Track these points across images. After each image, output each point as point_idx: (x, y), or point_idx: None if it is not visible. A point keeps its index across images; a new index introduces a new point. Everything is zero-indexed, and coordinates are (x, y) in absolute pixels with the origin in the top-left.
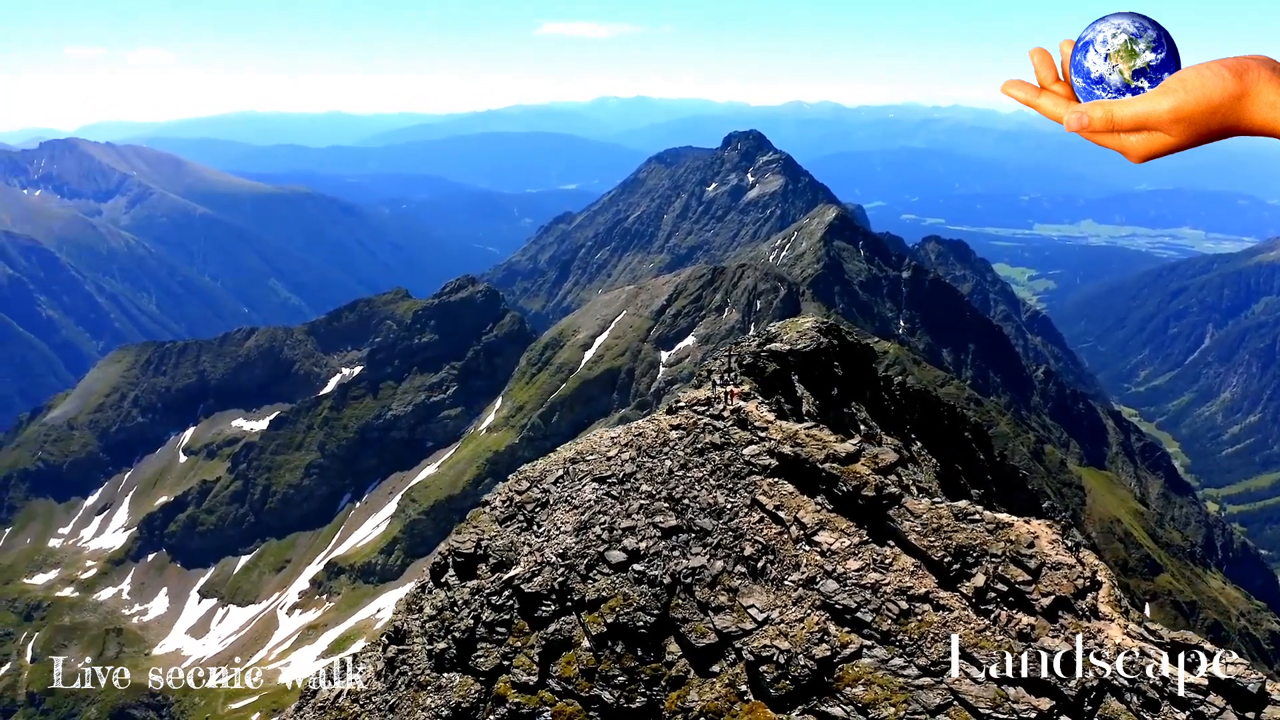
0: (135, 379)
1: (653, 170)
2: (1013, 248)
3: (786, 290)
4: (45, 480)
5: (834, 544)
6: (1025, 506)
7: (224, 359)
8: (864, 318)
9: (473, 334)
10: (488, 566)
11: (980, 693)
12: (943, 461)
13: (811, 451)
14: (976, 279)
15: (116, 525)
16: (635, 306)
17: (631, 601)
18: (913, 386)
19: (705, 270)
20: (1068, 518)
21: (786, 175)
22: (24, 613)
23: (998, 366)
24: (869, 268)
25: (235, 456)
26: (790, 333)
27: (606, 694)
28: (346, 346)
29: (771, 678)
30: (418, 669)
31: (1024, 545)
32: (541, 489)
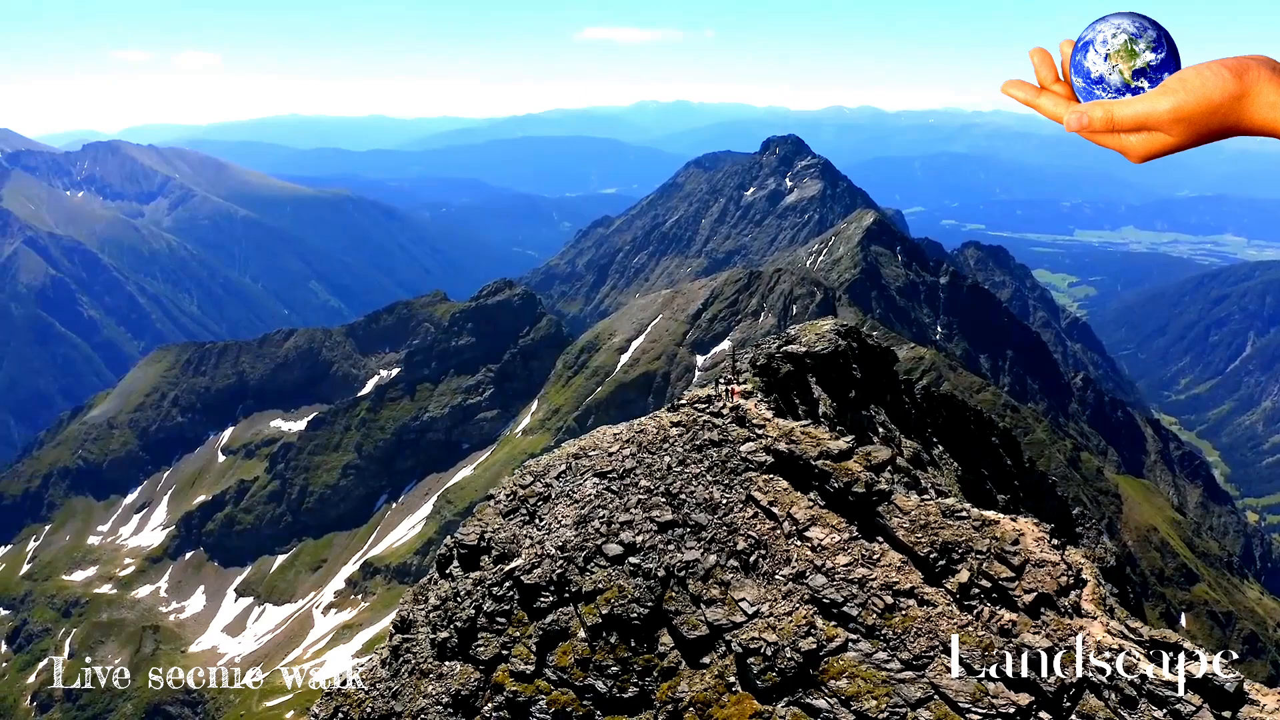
0: (175, 379)
1: (691, 175)
2: (1053, 254)
3: (823, 295)
4: (85, 478)
5: (824, 539)
6: (1054, 513)
7: (263, 360)
8: (901, 323)
9: (509, 337)
10: (490, 558)
11: (960, 687)
12: (968, 466)
13: (805, 448)
14: (1016, 285)
15: (155, 524)
16: (671, 310)
17: (626, 593)
18: (937, 391)
19: (741, 274)
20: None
21: (825, 180)
22: (62, 609)
23: (1036, 373)
24: (906, 273)
25: (273, 456)
26: (809, 335)
27: (600, 683)
28: (384, 348)
29: (758, 669)
30: (421, 657)
31: (1008, 542)
32: (544, 483)
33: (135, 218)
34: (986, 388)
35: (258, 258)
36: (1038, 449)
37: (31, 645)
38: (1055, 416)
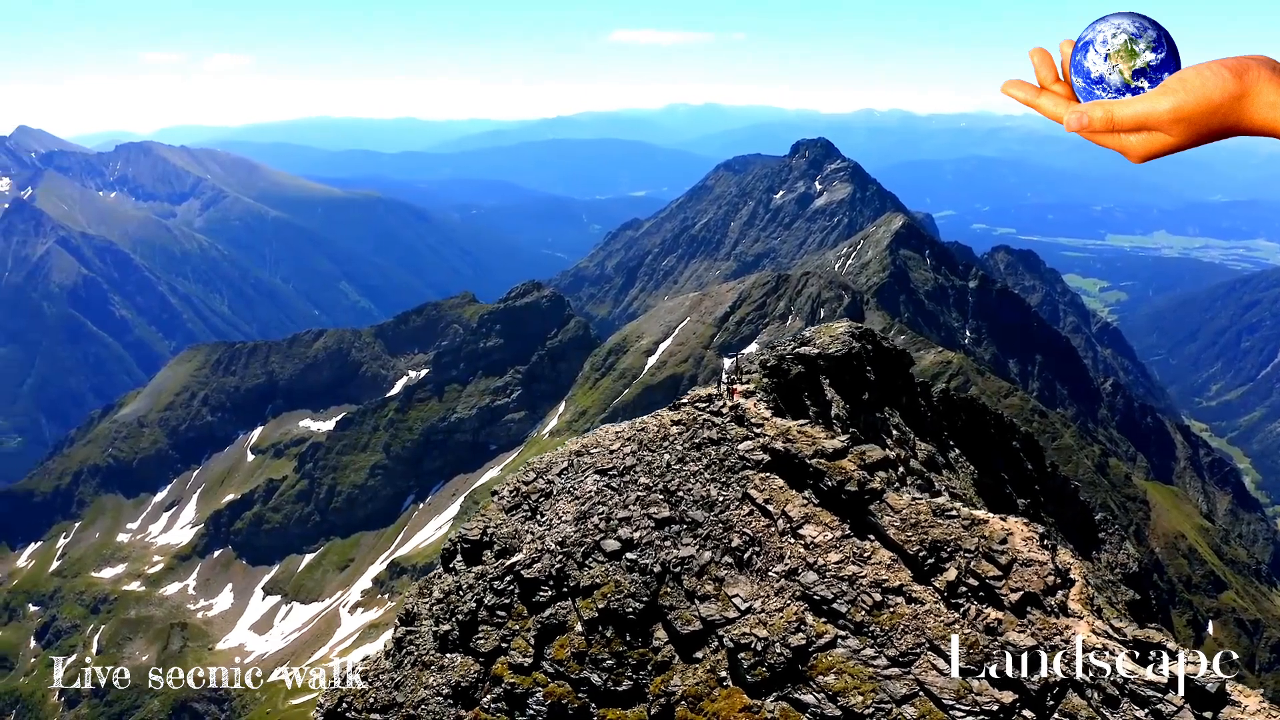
0: (205, 378)
1: (721, 177)
2: (1084, 258)
3: (850, 298)
4: (115, 476)
5: (817, 537)
6: (1076, 518)
7: (293, 360)
8: (929, 327)
9: (538, 339)
10: (492, 553)
11: (945, 684)
12: (987, 470)
13: (801, 447)
14: (1046, 290)
15: (184, 522)
16: (699, 313)
17: (623, 588)
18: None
19: (769, 277)
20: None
21: (854, 183)
22: (91, 605)
23: (1065, 378)
24: (935, 277)
25: (302, 456)
26: (823, 337)
27: (595, 677)
28: (413, 349)
29: (749, 664)
30: (423, 649)
31: (996, 542)
32: (546, 480)
33: (167, 218)
34: (1014, 392)
35: (288, 258)
36: (1065, 454)
37: (60, 641)
38: (1084, 422)
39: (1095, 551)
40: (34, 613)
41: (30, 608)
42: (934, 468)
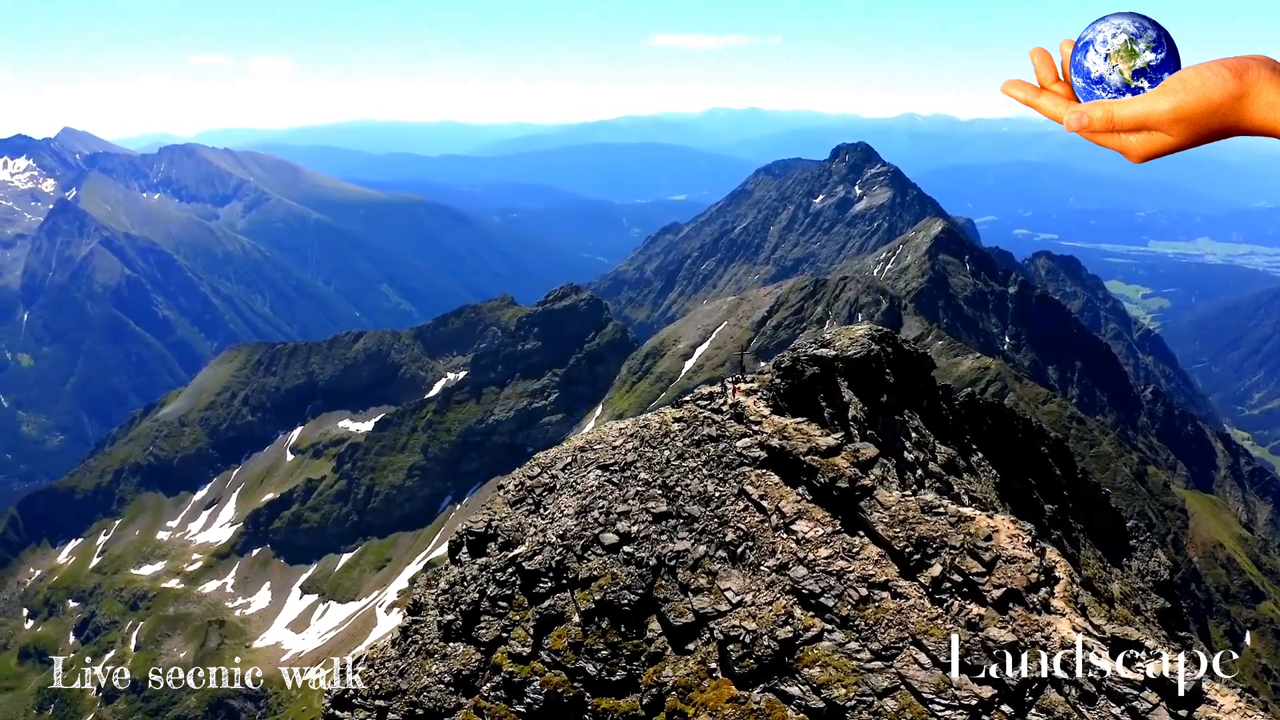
0: (246, 378)
1: (760, 182)
2: (1127, 265)
3: (888, 303)
4: (155, 474)
5: (809, 532)
6: (1107, 525)
7: (332, 361)
8: (968, 333)
9: (575, 342)
10: (496, 545)
11: (926, 678)
12: (1014, 475)
13: (796, 444)
14: (1087, 296)
15: (223, 520)
16: (736, 317)
17: (619, 581)
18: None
19: (807, 282)
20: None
21: (894, 188)
22: (130, 602)
23: (1105, 385)
24: (975, 282)
25: (340, 456)
26: (842, 339)
27: (590, 666)
28: (452, 351)
29: (737, 656)
30: (427, 638)
31: (981, 538)
32: (550, 475)
33: (210, 220)
34: (1052, 399)
35: (330, 260)
36: (1103, 462)
37: (99, 637)
38: (1123, 429)
39: (1126, 559)
40: (74, 609)
41: (70, 604)
42: (954, 471)
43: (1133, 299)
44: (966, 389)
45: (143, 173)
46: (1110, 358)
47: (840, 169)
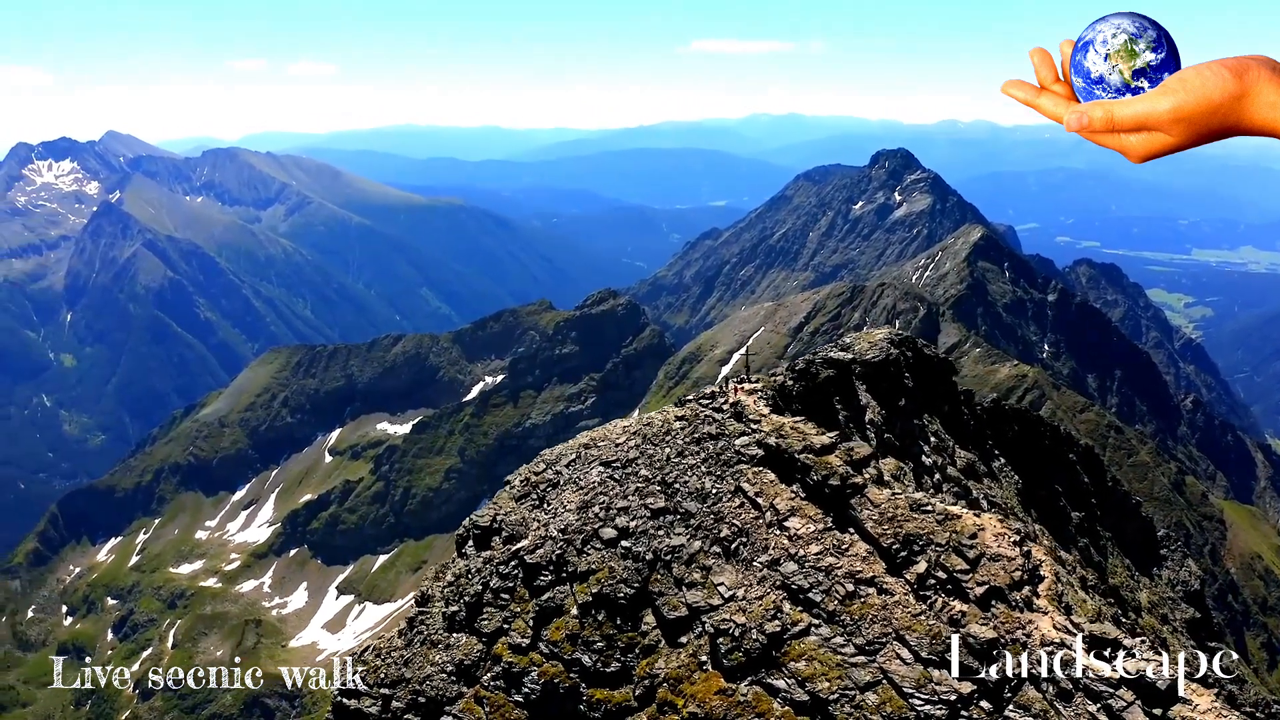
0: (286, 380)
1: (800, 188)
2: (1169, 273)
3: (926, 310)
4: (195, 474)
5: (801, 529)
6: (1137, 534)
7: (371, 363)
8: (1007, 340)
9: (613, 346)
10: (500, 539)
11: (907, 673)
12: (1041, 482)
13: (792, 442)
14: (1129, 304)
15: (261, 520)
16: (774, 323)
17: (616, 574)
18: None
19: (845, 288)
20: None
21: (934, 194)
22: (168, 600)
23: (1144, 394)
24: (1014, 290)
25: (378, 458)
26: (861, 343)
27: (586, 658)
28: (490, 355)
29: (726, 649)
30: (432, 629)
31: (966, 536)
32: (555, 471)
33: (252, 223)
34: (1090, 408)
35: (371, 264)
36: (1141, 471)
37: (137, 635)
38: (1163, 439)
39: (1156, 568)
40: (112, 606)
41: (109, 601)
42: (974, 476)
43: (1175, 308)
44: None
45: (186, 176)
46: (1150, 367)
47: (880, 175)
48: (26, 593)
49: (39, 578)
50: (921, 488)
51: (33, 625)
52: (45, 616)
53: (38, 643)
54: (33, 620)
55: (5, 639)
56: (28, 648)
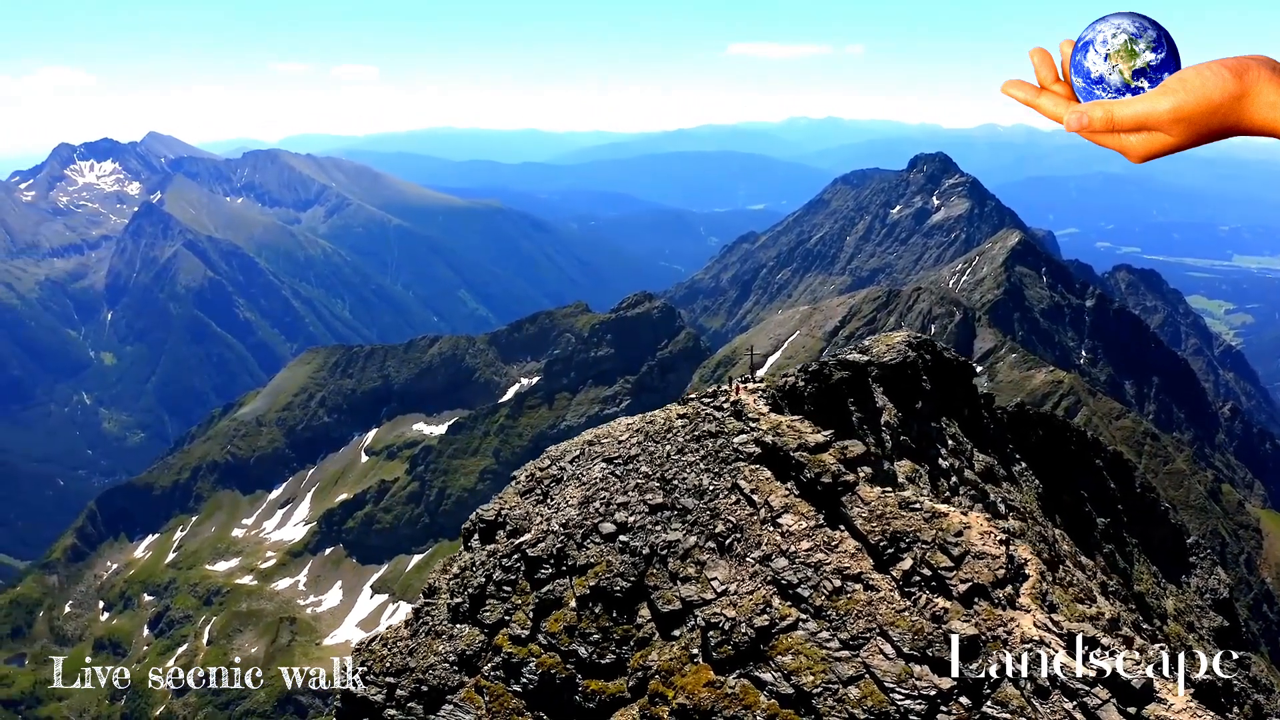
0: (323, 380)
1: (838, 191)
2: (1209, 279)
3: (962, 315)
4: (232, 473)
5: (793, 526)
6: (1166, 541)
7: (408, 364)
8: (1044, 346)
9: (648, 349)
10: (505, 533)
11: (889, 668)
12: (1066, 487)
13: (787, 440)
14: (1168, 310)
15: (297, 519)
16: (809, 327)
17: (613, 568)
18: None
19: (880, 293)
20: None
21: (973, 199)
22: (204, 597)
23: (1182, 401)
24: (1051, 295)
25: (414, 459)
26: (879, 345)
27: (582, 649)
28: (526, 357)
29: (716, 642)
30: (437, 620)
31: (951, 534)
32: (559, 466)
33: (292, 224)
34: (1126, 414)
35: (409, 266)
36: (1177, 479)
37: (172, 631)
38: (1200, 446)
39: (1185, 576)
40: (148, 602)
41: (145, 597)
42: (992, 479)
43: (1214, 314)
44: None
45: (226, 177)
46: (1189, 374)
47: (918, 179)
48: (64, 588)
49: (77, 574)
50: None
51: (70, 620)
52: (82, 612)
53: (74, 638)
54: (70, 615)
55: (43, 634)
56: (64, 642)
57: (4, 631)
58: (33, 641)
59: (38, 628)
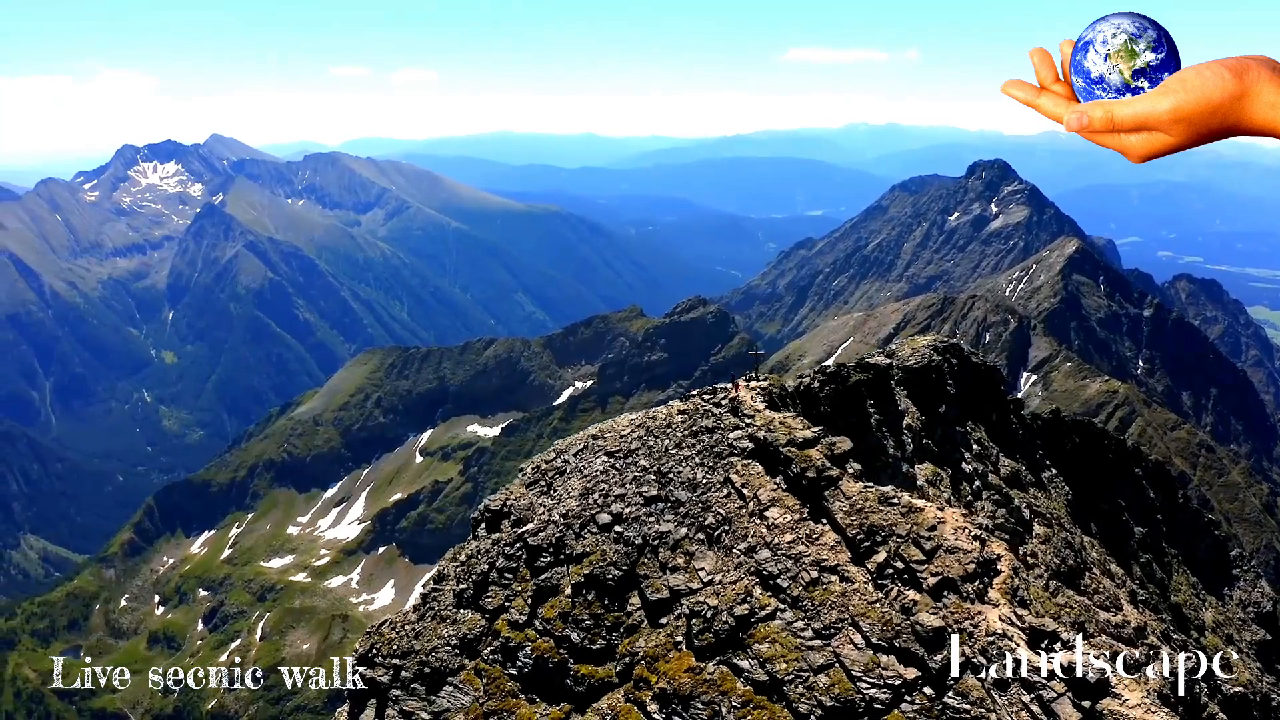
0: (380, 381)
1: (896, 198)
2: (1273, 290)
3: (1017, 323)
4: (289, 471)
5: (778, 519)
6: (1209, 553)
7: (464, 366)
8: (1100, 356)
9: (701, 354)
10: (509, 522)
11: (858, 657)
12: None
13: (777, 436)
14: (1228, 321)
15: (352, 518)
16: (862, 334)
17: (607, 557)
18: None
19: (935, 300)
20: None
21: (1031, 206)
22: (258, 593)
23: (1241, 414)
24: (1109, 304)
25: (468, 460)
26: (905, 349)
27: (574, 635)
28: (580, 360)
29: (698, 630)
30: (443, 605)
31: (925, 529)
32: (563, 460)
33: (352, 226)
34: (1182, 425)
35: (467, 268)
36: (1231, 491)
37: (227, 626)
38: (1257, 459)
39: (1228, 588)
40: (203, 597)
41: (200, 592)
42: (1018, 485)
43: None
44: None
45: (287, 179)
46: (1248, 385)
47: (977, 186)
48: (121, 582)
49: (133, 568)
50: (959, 494)
51: (125, 614)
52: (138, 606)
53: (129, 631)
54: (125, 609)
55: (99, 627)
56: (120, 636)
57: (61, 624)
58: (89, 634)
59: (94, 621)
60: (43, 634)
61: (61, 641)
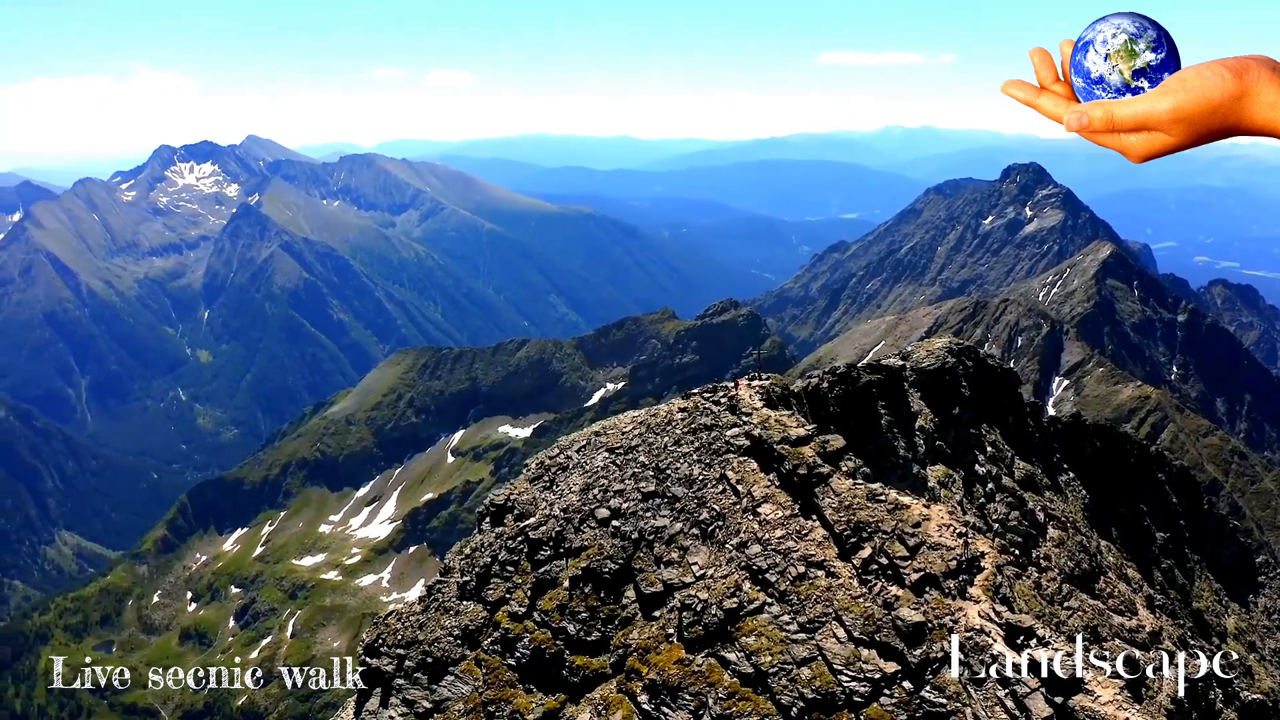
0: (412, 381)
1: (930, 201)
2: None
3: (1050, 328)
4: (321, 470)
5: (770, 515)
6: (1234, 560)
7: (496, 367)
8: (1134, 361)
9: (733, 356)
10: (512, 516)
11: (840, 650)
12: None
13: (772, 434)
14: (1264, 327)
15: (383, 517)
16: (894, 337)
17: (604, 551)
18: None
19: (968, 304)
20: None
21: (1066, 210)
22: (290, 591)
23: (1275, 421)
24: (1143, 309)
25: (499, 460)
26: (920, 351)
27: (571, 627)
28: (612, 362)
29: (688, 623)
30: (447, 597)
31: (909, 525)
32: (566, 456)
33: (386, 227)
34: (1214, 432)
35: (501, 270)
36: (1264, 499)
37: (258, 623)
38: None
39: (1252, 595)
40: (235, 594)
41: (232, 589)
42: (1032, 488)
43: None
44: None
45: (323, 180)
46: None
47: (1011, 190)
48: (154, 579)
49: (166, 564)
50: (971, 496)
51: (158, 610)
52: (170, 602)
53: (162, 627)
54: (158, 605)
55: (131, 622)
56: (152, 631)
57: (94, 619)
58: (121, 629)
59: (127, 616)
60: (75, 629)
61: (94, 637)
